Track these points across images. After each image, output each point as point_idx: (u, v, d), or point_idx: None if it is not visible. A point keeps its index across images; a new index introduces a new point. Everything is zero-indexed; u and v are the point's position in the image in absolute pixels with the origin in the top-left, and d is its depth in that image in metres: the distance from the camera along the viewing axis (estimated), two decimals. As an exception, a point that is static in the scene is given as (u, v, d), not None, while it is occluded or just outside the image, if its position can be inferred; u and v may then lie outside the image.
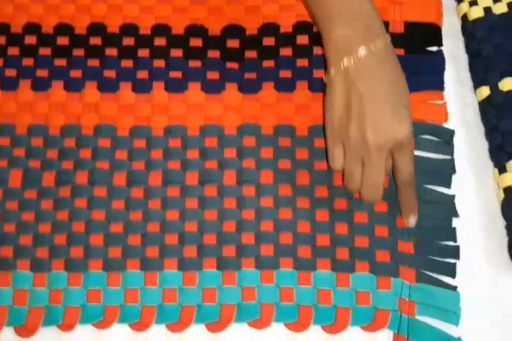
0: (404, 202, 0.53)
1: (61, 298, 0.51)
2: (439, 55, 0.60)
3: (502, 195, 0.54)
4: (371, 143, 0.50)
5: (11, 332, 0.51)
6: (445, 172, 0.56)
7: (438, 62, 0.59)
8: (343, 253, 0.53)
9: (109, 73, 0.59)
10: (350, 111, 0.51)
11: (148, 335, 0.51)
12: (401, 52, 0.60)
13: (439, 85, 0.59)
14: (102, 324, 0.50)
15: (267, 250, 0.52)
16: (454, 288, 0.52)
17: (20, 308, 0.51)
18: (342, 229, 0.53)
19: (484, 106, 0.57)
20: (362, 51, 0.50)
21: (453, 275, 0.53)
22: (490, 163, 0.56)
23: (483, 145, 0.57)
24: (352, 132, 0.50)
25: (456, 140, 0.57)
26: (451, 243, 0.54)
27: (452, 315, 0.51)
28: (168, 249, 0.53)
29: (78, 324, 0.50)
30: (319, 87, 0.58)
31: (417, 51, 0.60)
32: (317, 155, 0.56)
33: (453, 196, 0.55)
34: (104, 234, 0.53)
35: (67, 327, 0.50)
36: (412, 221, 0.53)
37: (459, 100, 0.59)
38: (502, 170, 0.54)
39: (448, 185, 0.56)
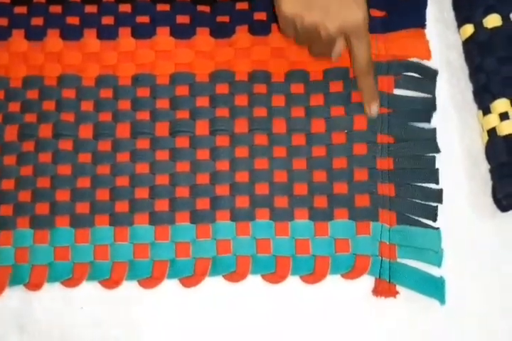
0: (365, 91, 0.53)
1: (27, 256, 0.50)
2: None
3: (486, 137, 0.52)
4: (323, 28, 0.49)
5: (-23, 293, 0.50)
6: (426, 110, 0.54)
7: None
8: (321, 202, 0.51)
9: (72, 20, 0.57)
10: None
11: (119, 292, 0.49)
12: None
13: (420, 23, 0.56)
14: (71, 282, 0.49)
15: (242, 201, 0.51)
16: (436, 229, 0.51)
17: (-15, 268, 0.49)
18: (320, 176, 0.52)
19: (468, 45, 0.55)
20: None
21: (434, 218, 0.51)
22: (474, 106, 0.55)
23: (468, 88, 0.55)
24: (305, 18, 0.49)
25: (439, 83, 0.55)
26: (434, 185, 0.52)
27: (434, 256, 0.50)
28: (139, 203, 0.51)
29: (46, 283, 0.49)
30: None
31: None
32: (294, 102, 0.54)
33: (434, 129, 0.53)
34: (70, 189, 0.51)
35: (34, 286, 0.49)
36: (374, 109, 0.53)
37: (443, 42, 0.57)
38: (486, 111, 0.53)
39: (428, 121, 0.54)
